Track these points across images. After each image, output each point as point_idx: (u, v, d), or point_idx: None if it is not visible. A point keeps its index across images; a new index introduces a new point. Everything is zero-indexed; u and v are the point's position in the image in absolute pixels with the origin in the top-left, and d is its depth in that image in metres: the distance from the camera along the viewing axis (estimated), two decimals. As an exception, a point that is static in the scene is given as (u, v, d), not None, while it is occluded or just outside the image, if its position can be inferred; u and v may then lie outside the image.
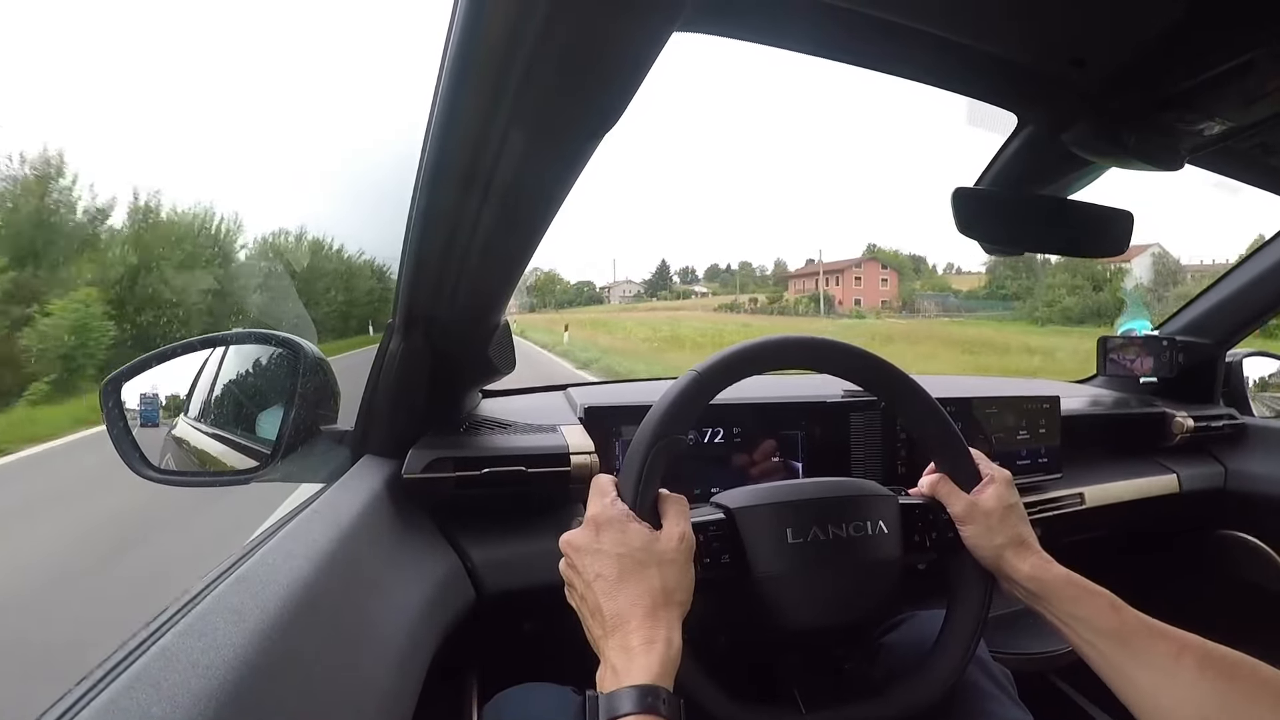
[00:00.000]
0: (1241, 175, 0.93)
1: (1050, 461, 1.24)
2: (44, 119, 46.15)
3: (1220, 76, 0.61)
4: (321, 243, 29.91)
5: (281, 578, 0.54)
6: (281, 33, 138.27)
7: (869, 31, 0.62)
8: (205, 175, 58.19)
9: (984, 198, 0.83)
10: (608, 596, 0.55)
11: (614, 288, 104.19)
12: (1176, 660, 0.58)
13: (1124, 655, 0.60)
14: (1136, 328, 1.61)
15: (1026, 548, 0.68)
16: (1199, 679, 0.56)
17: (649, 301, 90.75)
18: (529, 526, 0.90)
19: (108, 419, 0.84)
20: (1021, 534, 0.69)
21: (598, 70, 0.46)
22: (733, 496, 0.70)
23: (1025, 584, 0.66)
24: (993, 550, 0.68)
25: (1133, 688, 0.59)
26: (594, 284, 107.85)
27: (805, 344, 0.72)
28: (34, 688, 0.58)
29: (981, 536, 0.69)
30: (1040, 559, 0.68)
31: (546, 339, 25.29)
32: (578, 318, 40.41)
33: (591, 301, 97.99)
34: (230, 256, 21.33)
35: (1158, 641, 0.60)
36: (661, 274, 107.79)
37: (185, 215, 20.21)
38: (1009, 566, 0.67)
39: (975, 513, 0.70)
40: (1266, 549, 1.41)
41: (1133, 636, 0.61)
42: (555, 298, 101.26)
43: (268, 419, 0.93)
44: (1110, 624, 0.62)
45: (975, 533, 0.69)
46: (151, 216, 18.96)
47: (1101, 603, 0.63)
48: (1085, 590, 0.65)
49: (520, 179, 0.58)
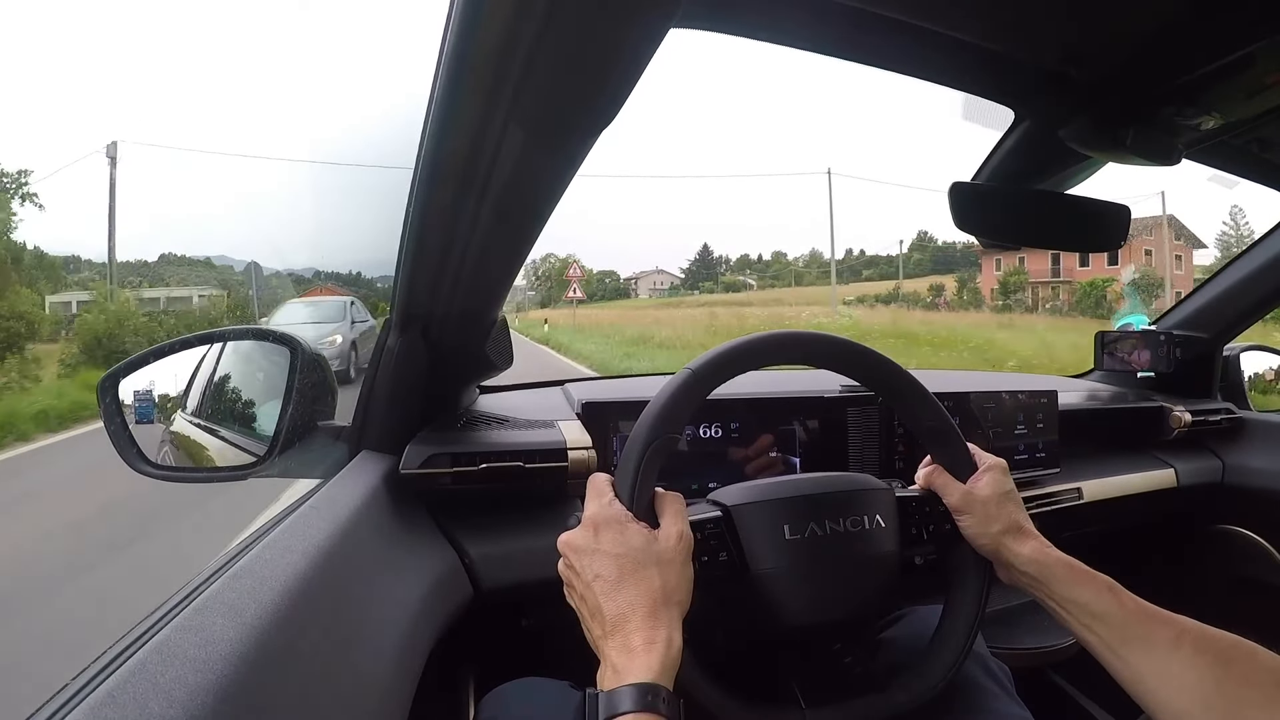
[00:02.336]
0: (1238, 170, 0.93)
1: (1048, 456, 1.24)
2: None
3: (1218, 71, 0.61)
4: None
5: (279, 573, 0.54)
6: (279, 30, 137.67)
7: (866, 27, 0.61)
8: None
9: (981, 192, 0.83)
10: (607, 597, 0.56)
11: (642, 278, 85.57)
12: (1175, 644, 0.58)
13: (1123, 639, 0.61)
14: (1134, 322, 1.61)
15: (1025, 533, 0.69)
16: (1196, 662, 0.57)
17: (692, 295, 72.38)
18: (526, 522, 0.90)
19: (105, 415, 0.84)
20: (1018, 520, 0.69)
21: (595, 67, 0.46)
22: (730, 493, 0.70)
23: (1025, 568, 0.67)
24: (991, 538, 0.68)
25: (1131, 672, 0.60)
26: (617, 274, 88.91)
27: (800, 339, 0.72)
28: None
29: (979, 525, 0.69)
30: (1039, 543, 0.68)
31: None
32: (595, 316, 32.26)
33: (616, 295, 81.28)
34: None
35: (1156, 626, 0.60)
36: (705, 262, 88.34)
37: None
38: (1008, 552, 0.67)
39: (971, 502, 0.70)
40: (1263, 543, 1.41)
41: (1131, 621, 0.61)
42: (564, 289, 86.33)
43: (265, 415, 0.93)
44: (1109, 608, 0.62)
45: (973, 522, 0.69)
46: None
47: (1100, 586, 0.64)
48: (1084, 574, 0.65)
49: (517, 176, 0.58)
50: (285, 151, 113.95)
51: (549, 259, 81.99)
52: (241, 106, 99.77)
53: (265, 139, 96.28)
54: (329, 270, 46.84)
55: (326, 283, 37.56)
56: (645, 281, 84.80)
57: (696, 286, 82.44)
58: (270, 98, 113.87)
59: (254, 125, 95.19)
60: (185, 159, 76.07)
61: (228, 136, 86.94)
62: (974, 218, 0.81)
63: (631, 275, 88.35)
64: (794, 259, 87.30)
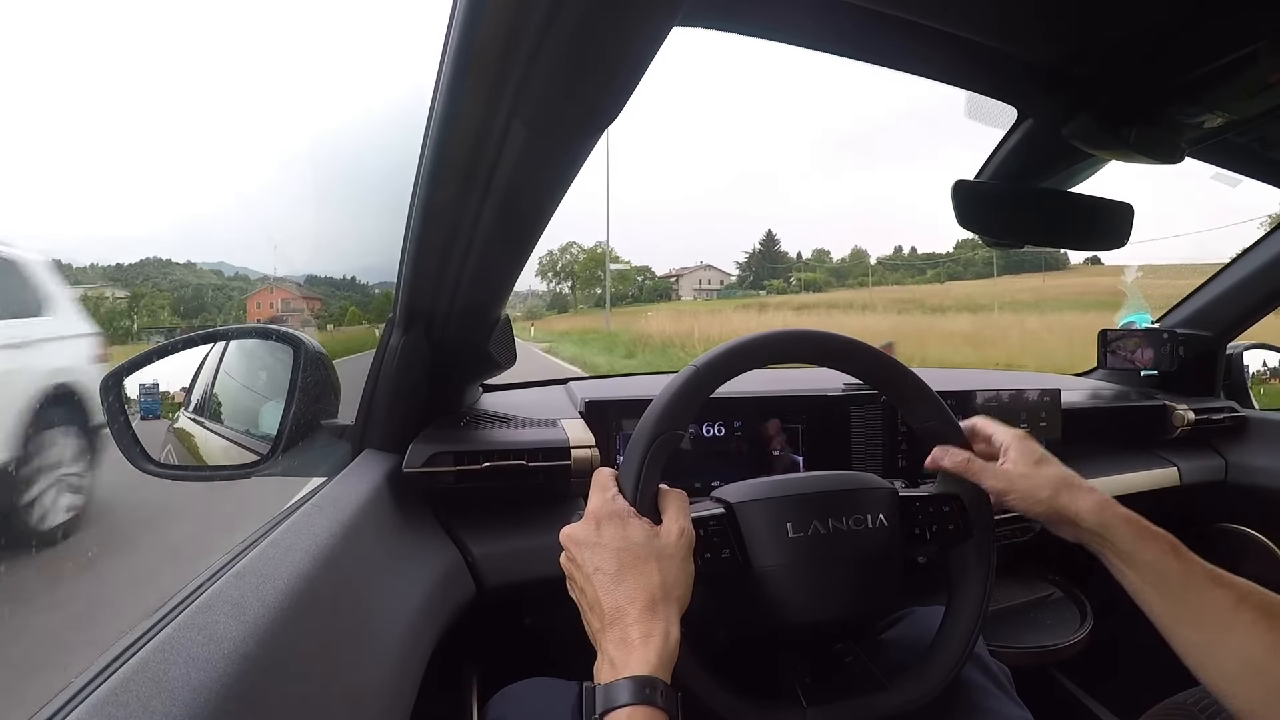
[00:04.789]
0: (1241, 168, 0.93)
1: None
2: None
3: (1221, 70, 0.61)
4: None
5: (282, 572, 0.54)
6: (280, 27, 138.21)
7: (868, 25, 0.61)
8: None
9: (984, 190, 0.83)
10: (606, 590, 0.56)
11: (685, 276, 72.15)
12: (1236, 607, 0.58)
13: (1184, 601, 0.60)
14: (1137, 320, 1.61)
15: (1078, 487, 0.68)
16: (1257, 627, 0.56)
17: (756, 296, 60.63)
18: (529, 521, 0.90)
19: (108, 413, 0.85)
20: (1066, 476, 0.69)
21: (598, 65, 0.46)
22: (733, 491, 0.70)
23: (1088, 521, 0.66)
24: (1044, 503, 0.68)
25: (1191, 632, 0.59)
26: (651, 269, 74.46)
27: (805, 338, 0.72)
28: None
29: (1029, 495, 0.68)
30: (1100, 495, 0.67)
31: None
32: (641, 325, 22.27)
33: (656, 297, 68.08)
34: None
35: (1219, 588, 0.60)
36: (769, 254, 73.28)
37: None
38: (1068, 508, 0.67)
39: (1012, 480, 0.69)
40: (1266, 542, 1.41)
41: (1195, 580, 0.60)
42: (592, 288, 68.09)
43: (268, 413, 0.94)
44: (1173, 568, 0.61)
45: (1019, 497, 0.69)
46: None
47: (1165, 545, 0.63)
48: (1149, 531, 0.64)
49: (520, 174, 0.58)
50: (284, 149, 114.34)
51: (570, 248, 67.75)
52: (241, 106, 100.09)
53: (265, 137, 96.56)
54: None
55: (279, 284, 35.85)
56: (689, 279, 72.50)
57: (760, 285, 69.83)
58: (270, 97, 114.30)
59: (253, 123, 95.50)
60: (180, 155, 76.37)
61: (226, 134, 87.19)
62: (977, 216, 0.81)
63: (671, 272, 75.17)
64: (839, 259, 73.23)
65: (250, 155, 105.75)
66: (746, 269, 75.19)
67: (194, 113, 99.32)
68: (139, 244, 73.34)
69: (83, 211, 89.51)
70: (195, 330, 0.95)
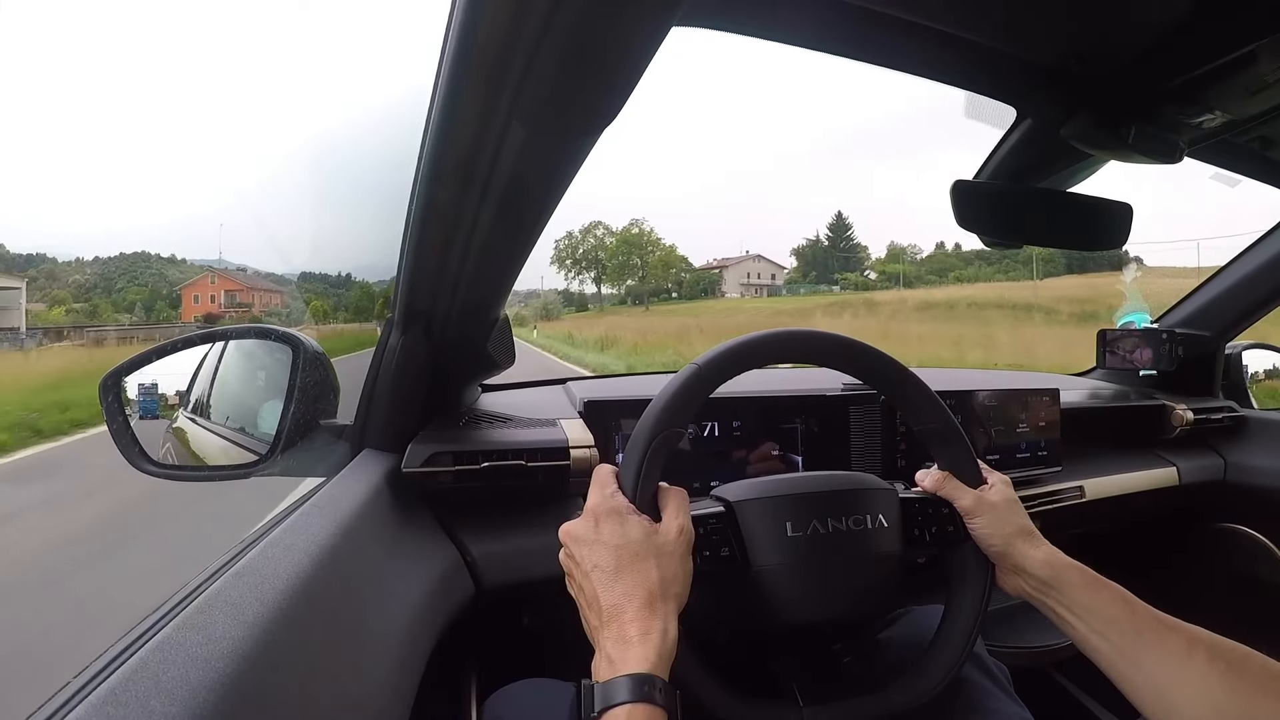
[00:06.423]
0: (1239, 168, 0.93)
1: (1050, 454, 1.24)
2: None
3: (1219, 69, 0.61)
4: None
5: (281, 571, 0.54)
6: (278, 26, 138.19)
7: (868, 26, 0.62)
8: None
9: (983, 191, 0.83)
10: (605, 587, 0.56)
11: (730, 268, 59.74)
12: (1188, 653, 0.58)
13: (1136, 649, 0.60)
14: (1136, 320, 1.61)
15: (1037, 538, 0.69)
16: (1209, 671, 0.56)
17: (829, 293, 51.09)
18: (529, 521, 0.90)
19: (107, 413, 0.84)
20: (1028, 525, 0.70)
21: (598, 65, 0.46)
22: (732, 489, 0.70)
23: (1038, 572, 0.66)
24: (1003, 539, 0.68)
25: (1143, 679, 0.59)
26: (688, 259, 61.29)
27: (806, 338, 0.72)
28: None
29: (992, 526, 0.69)
30: (1051, 548, 0.68)
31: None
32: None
33: (699, 294, 58.15)
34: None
35: (1170, 636, 0.59)
36: (837, 243, 60.09)
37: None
38: (1021, 555, 0.67)
39: (983, 505, 0.70)
40: (1265, 541, 1.41)
41: (1144, 628, 0.60)
42: (623, 279, 56.69)
43: (267, 413, 0.94)
44: (1123, 616, 0.61)
45: (986, 523, 0.69)
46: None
47: (1114, 595, 0.63)
48: (1098, 581, 0.65)
49: (520, 173, 0.58)
50: (283, 149, 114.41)
51: (595, 229, 54.24)
52: (240, 104, 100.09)
53: (264, 136, 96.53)
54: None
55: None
56: (734, 272, 60.18)
57: (832, 279, 58.94)
58: (270, 95, 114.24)
59: (252, 121, 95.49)
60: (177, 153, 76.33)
61: (224, 132, 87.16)
62: (976, 216, 0.81)
63: (711, 263, 61.92)
64: (874, 252, 61.06)
65: (248, 153, 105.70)
66: (809, 260, 62.22)
67: (193, 113, 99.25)
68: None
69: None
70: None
